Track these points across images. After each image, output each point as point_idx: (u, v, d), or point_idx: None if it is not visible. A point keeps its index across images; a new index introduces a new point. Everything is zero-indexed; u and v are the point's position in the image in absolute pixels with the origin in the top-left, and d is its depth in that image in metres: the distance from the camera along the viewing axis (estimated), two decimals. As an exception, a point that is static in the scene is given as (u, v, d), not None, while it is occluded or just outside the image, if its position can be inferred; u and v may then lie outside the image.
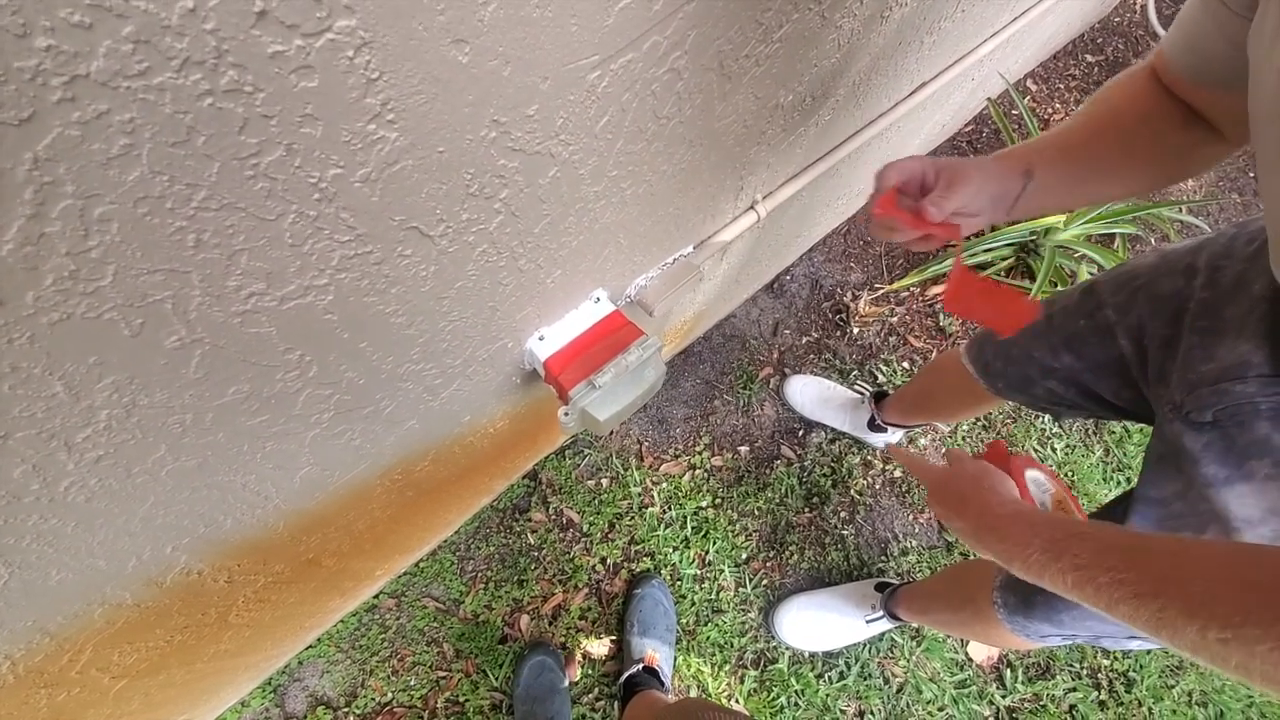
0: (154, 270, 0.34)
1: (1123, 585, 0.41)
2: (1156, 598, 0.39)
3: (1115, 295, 0.76)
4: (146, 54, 0.26)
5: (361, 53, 0.32)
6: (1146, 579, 0.40)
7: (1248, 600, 0.35)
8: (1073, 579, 0.44)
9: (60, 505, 0.43)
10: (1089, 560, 0.44)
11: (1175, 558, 0.40)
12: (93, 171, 0.28)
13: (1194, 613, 0.37)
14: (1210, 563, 0.39)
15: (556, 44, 0.41)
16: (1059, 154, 0.62)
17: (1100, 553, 0.43)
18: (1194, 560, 0.39)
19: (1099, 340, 0.77)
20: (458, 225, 0.48)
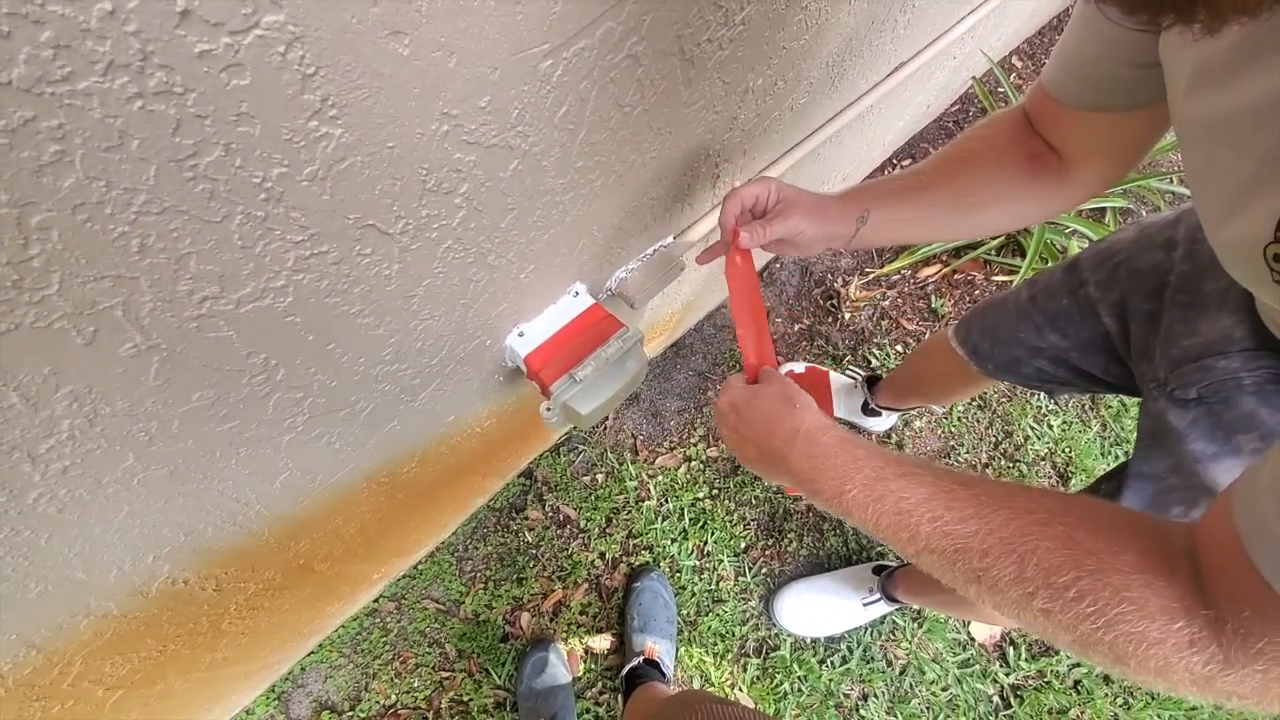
0: (100, 277, 0.34)
1: (946, 537, 0.39)
2: (984, 555, 0.37)
3: (1096, 272, 0.75)
4: (68, 59, 0.26)
5: (293, 48, 0.31)
6: (974, 532, 0.38)
7: (1079, 569, 0.34)
8: (888, 522, 0.42)
9: (30, 517, 0.43)
10: (914, 505, 0.41)
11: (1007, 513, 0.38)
12: (25, 179, 0.28)
13: (1023, 579, 0.36)
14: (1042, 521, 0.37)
15: (503, 33, 0.41)
16: (899, 196, 0.63)
17: (929, 499, 0.41)
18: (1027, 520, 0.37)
19: (1083, 318, 0.77)
20: (418, 222, 0.48)
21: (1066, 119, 0.56)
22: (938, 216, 0.63)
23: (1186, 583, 0.33)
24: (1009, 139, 0.60)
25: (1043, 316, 0.80)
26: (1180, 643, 0.32)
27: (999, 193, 0.61)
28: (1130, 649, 0.32)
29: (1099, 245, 0.77)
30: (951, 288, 1.57)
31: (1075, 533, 0.36)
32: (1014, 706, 1.23)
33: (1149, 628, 0.32)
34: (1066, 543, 0.35)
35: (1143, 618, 0.32)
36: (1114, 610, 0.33)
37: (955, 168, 0.62)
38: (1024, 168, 0.59)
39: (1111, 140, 0.56)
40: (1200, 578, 0.33)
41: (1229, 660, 0.31)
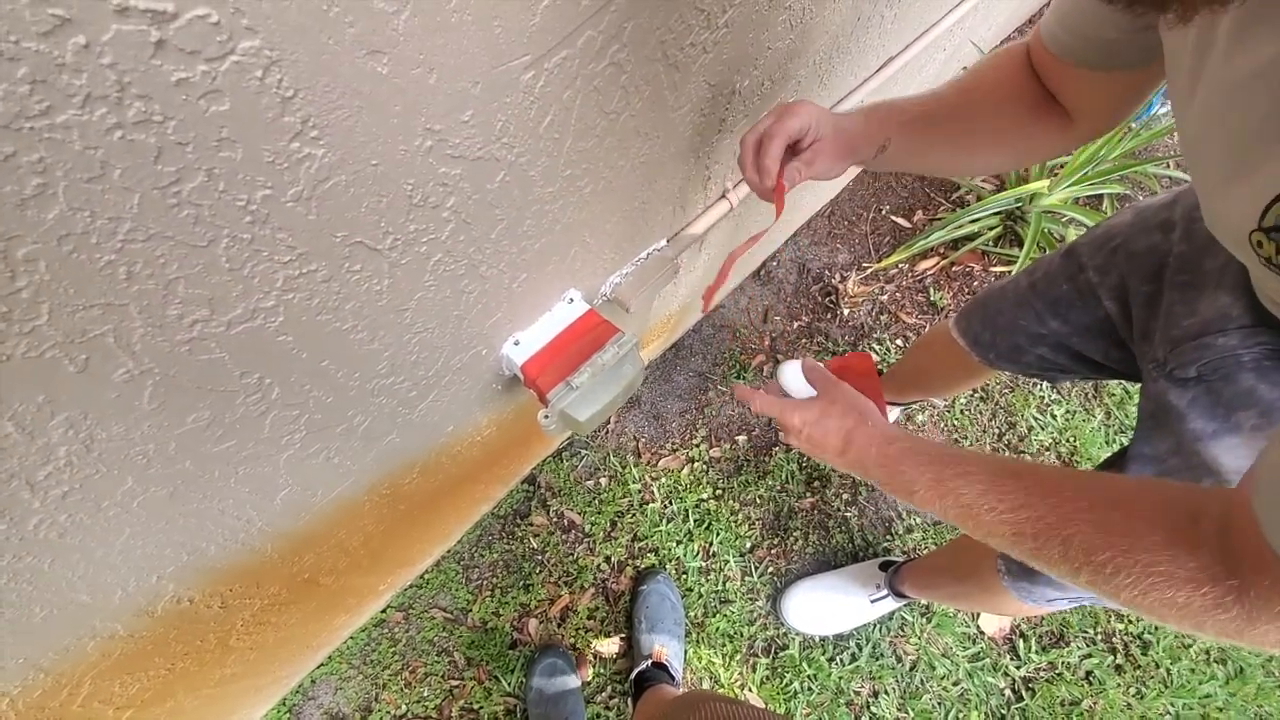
0: (90, 305, 0.34)
1: (1004, 524, 0.46)
2: (1035, 539, 0.44)
3: (1095, 257, 0.75)
4: (46, 93, 0.26)
5: (271, 72, 0.32)
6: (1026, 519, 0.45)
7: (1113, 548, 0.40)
8: (955, 514, 0.49)
9: (33, 543, 0.44)
10: (972, 499, 0.48)
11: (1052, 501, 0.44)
12: (9, 213, 0.29)
13: (1069, 557, 0.42)
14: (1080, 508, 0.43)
15: (482, 47, 0.41)
16: (917, 127, 0.64)
17: (984, 493, 0.47)
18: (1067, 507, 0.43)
19: (1083, 303, 0.77)
20: (406, 237, 0.48)
21: (1062, 71, 0.57)
22: (948, 151, 0.65)
23: (1211, 554, 0.37)
24: (1021, 80, 0.61)
25: (1043, 303, 0.80)
26: (1207, 604, 0.37)
27: (1006, 132, 0.63)
28: (1165, 611, 0.38)
29: (1096, 230, 0.77)
30: (950, 280, 1.56)
31: (1111, 516, 0.41)
32: (1026, 699, 1.22)
33: (1177, 594, 0.37)
34: (1103, 527, 0.41)
35: (1170, 586, 0.38)
36: (1146, 581, 0.38)
37: (971, 101, 0.63)
38: (1031, 111, 0.61)
39: (1106, 95, 0.57)
40: (1228, 550, 0.37)
41: (1252, 619, 0.36)
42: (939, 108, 0.64)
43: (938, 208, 1.63)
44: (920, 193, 1.66)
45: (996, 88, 0.62)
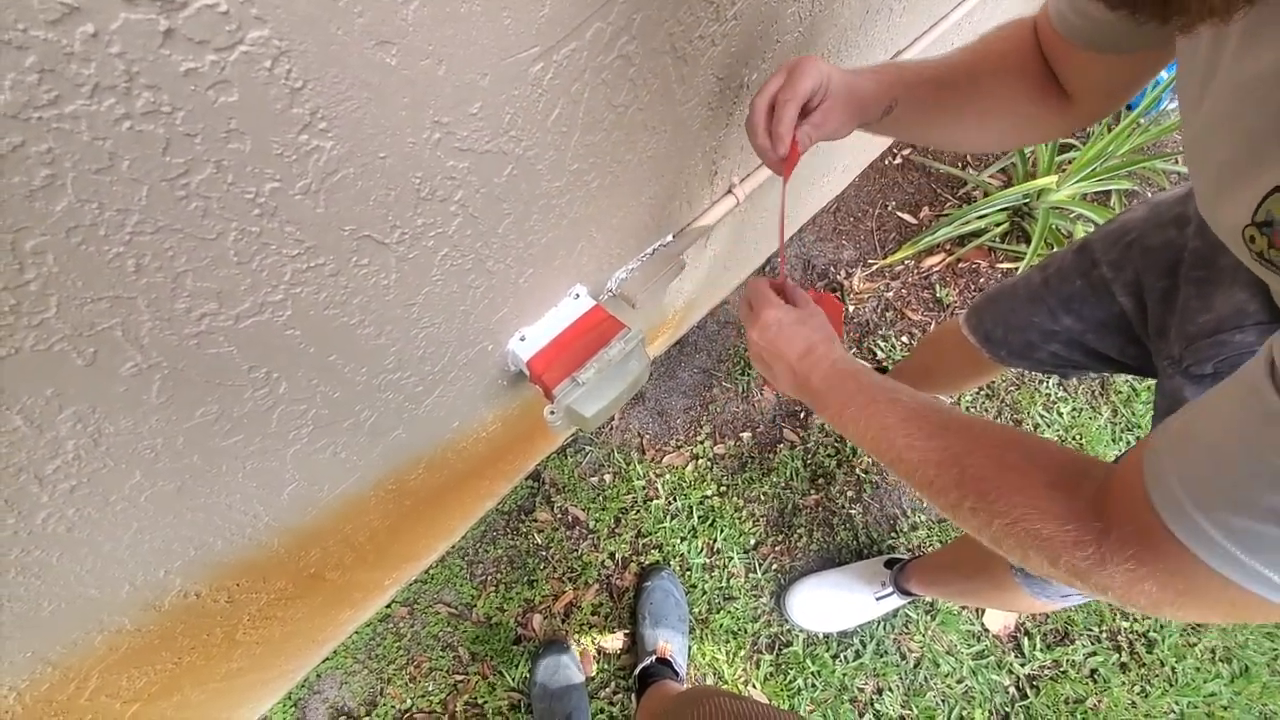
0: (98, 298, 0.34)
1: (914, 450, 0.49)
2: (938, 466, 0.47)
3: (1109, 252, 0.74)
4: (54, 83, 0.26)
5: (280, 62, 0.31)
6: (934, 447, 0.48)
7: (1003, 481, 0.44)
8: (873, 436, 0.52)
9: (41, 537, 0.44)
10: (893, 423, 0.51)
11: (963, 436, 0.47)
12: (17, 204, 0.28)
13: (961, 483, 0.45)
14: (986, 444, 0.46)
15: (491, 38, 0.40)
16: (924, 90, 0.63)
17: (905, 420, 0.50)
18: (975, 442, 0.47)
19: (1097, 299, 0.76)
20: (414, 231, 0.48)
21: (1067, 52, 0.56)
22: (949, 119, 0.65)
23: (1085, 503, 0.40)
24: (1028, 55, 0.60)
25: (1056, 299, 0.79)
26: (1067, 541, 0.40)
27: (1011, 106, 0.62)
28: (1029, 541, 0.41)
29: (1110, 225, 0.76)
30: (956, 276, 1.55)
31: (1008, 455, 0.45)
32: (1030, 697, 1.22)
33: (1043, 527, 0.41)
34: (999, 461, 0.44)
35: (1040, 519, 0.41)
36: (1019, 512, 0.42)
37: (977, 70, 0.62)
38: (1034, 88, 0.60)
39: (1109, 78, 0.56)
40: (1103, 501, 0.40)
41: (1103, 559, 0.38)
42: (945, 73, 0.63)
43: (944, 204, 1.62)
44: (927, 189, 1.65)
45: (1003, 59, 0.61)
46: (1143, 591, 0.37)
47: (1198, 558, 0.33)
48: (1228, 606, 0.35)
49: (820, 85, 0.59)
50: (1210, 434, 0.34)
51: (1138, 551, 0.37)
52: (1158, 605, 0.38)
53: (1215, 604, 0.36)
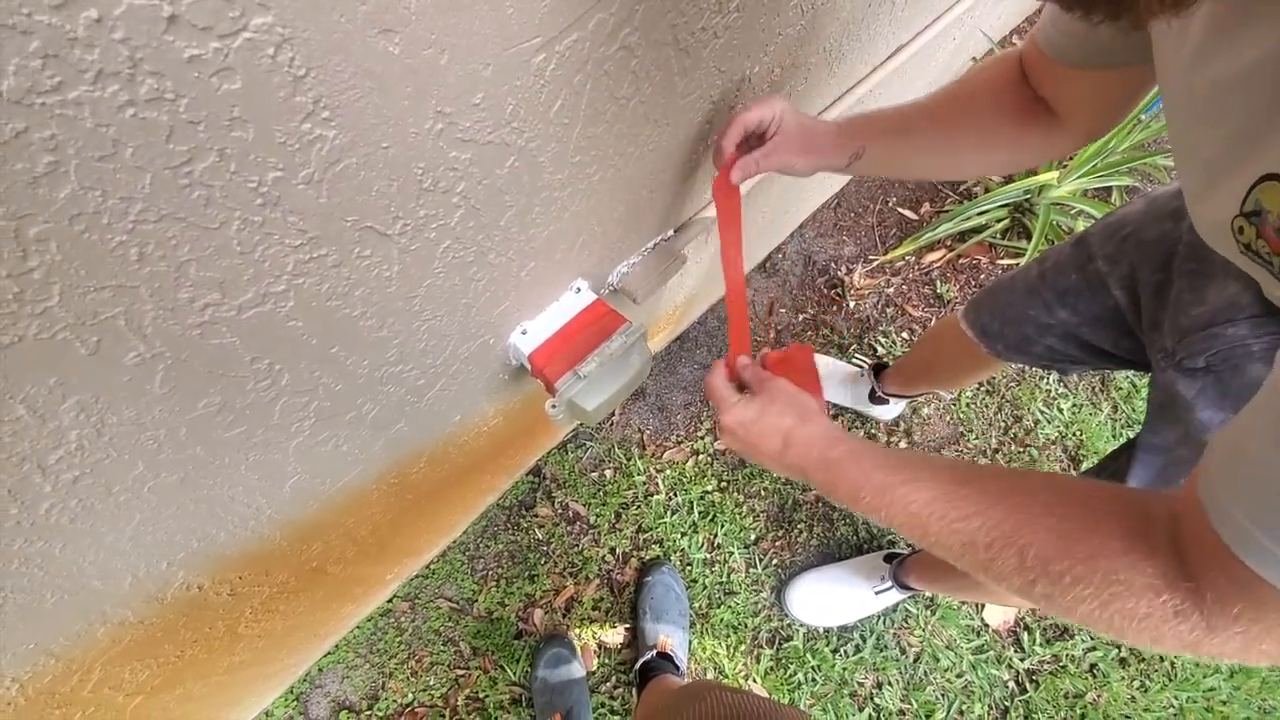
0: (101, 287, 0.34)
1: (954, 534, 0.42)
2: (988, 549, 0.41)
3: (1105, 246, 0.75)
4: (58, 68, 0.26)
5: (283, 50, 0.31)
6: (978, 528, 0.41)
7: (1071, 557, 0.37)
8: (902, 523, 0.45)
9: (44, 528, 0.44)
10: (920, 508, 0.44)
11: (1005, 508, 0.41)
12: (20, 191, 0.28)
13: (1024, 568, 0.39)
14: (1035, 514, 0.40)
15: (494, 28, 0.40)
16: (896, 135, 0.64)
17: (932, 501, 0.44)
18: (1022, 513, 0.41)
19: (1093, 293, 0.76)
20: (416, 222, 0.48)
21: (1056, 74, 0.57)
22: (931, 157, 0.66)
23: (1167, 559, 0.35)
24: (1006, 86, 0.61)
25: (1052, 293, 0.80)
26: (1166, 614, 0.34)
27: (992, 139, 0.63)
28: (1124, 624, 0.36)
29: (1108, 219, 0.76)
30: (957, 272, 1.55)
31: (1066, 523, 0.38)
32: (1030, 691, 1.22)
33: (1138, 605, 0.35)
34: (1060, 533, 0.38)
35: (1130, 595, 0.35)
36: (1106, 592, 0.36)
37: (953, 111, 0.64)
38: (1017, 116, 0.61)
39: (1100, 96, 0.57)
40: (1180, 550, 0.35)
41: (1211, 627, 0.33)
42: (921, 115, 0.64)
43: (945, 200, 1.62)
44: (927, 185, 1.65)
45: (984, 92, 0.62)
46: (1263, 653, 0.33)
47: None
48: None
49: (769, 118, 0.64)
50: (1260, 450, 0.31)
51: (1243, 608, 0.32)
52: (1223, 655, 0.34)
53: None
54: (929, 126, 0.64)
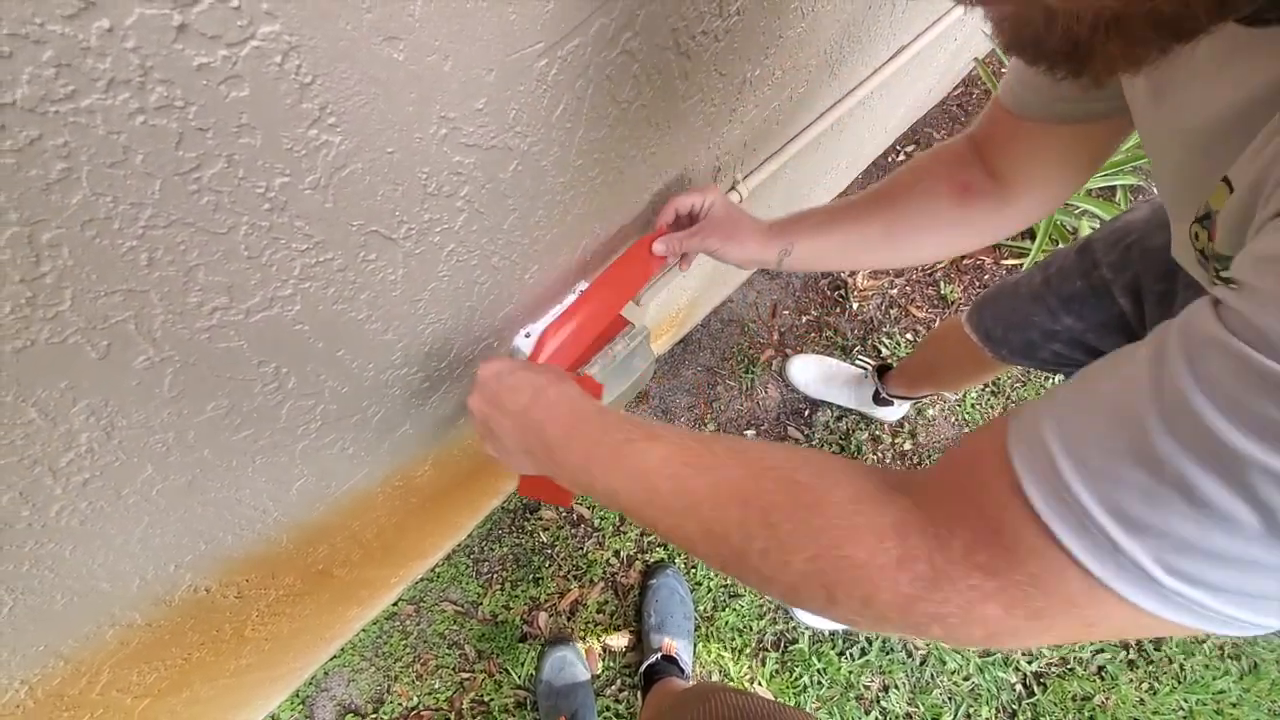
0: (111, 291, 0.34)
1: (683, 494, 0.38)
2: (714, 507, 0.37)
3: (1109, 253, 0.75)
4: (71, 77, 0.27)
5: (290, 58, 0.32)
6: (705, 484, 0.38)
7: (796, 502, 0.35)
8: (631, 486, 0.41)
9: (54, 530, 0.44)
10: (653, 464, 0.40)
11: (737, 462, 0.38)
12: (34, 197, 0.29)
13: (745, 523, 0.36)
14: (775, 465, 0.37)
15: (497, 34, 0.41)
16: (829, 229, 0.66)
17: (667, 457, 0.40)
18: (759, 466, 0.38)
19: (1098, 300, 0.76)
20: (420, 226, 0.48)
21: (1024, 134, 0.56)
22: (868, 248, 0.66)
23: (902, 508, 0.33)
24: (944, 170, 0.62)
25: (1057, 299, 0.80)
26: (887, 562, 0.31)
27: (930, 224, 0.63)
28: (838, 575, 0.32)
29: (1113, 225, 0.76)
30: (960, 273, 1.55)
31: (798, 474, 0.36)
32: (1037, 694, 1.21)
33: (856, 550, 0.32)
34: (788, 484, 0.36)
35: (850, 541, 0.32)
36: (825, 538, 0.33)
37: (888, 201, 0.64)
38: (956, 198, 0.61)
39: (1068, 154, 0.56)
40: (932, 500, 0.32)
41: (936, 580, 0.30)
42: (859, 207, 0.65)
43: (948, 201, 1.62)
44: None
45: (924, 178, 0.63)
46: (981, 618, 0.29)
47: (1075, 559, 0.26)
48: (1080, 623, 0.28)
49: (703, 205, 0.69)
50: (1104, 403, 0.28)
51: (990, 557, 0.29)
52: (994, 636, 0.30)
53: (1070, 620, 0.28)
54: (865, 216, 0.64)
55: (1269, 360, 0.22)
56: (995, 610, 0.29)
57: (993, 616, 0.29)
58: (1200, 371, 0.24)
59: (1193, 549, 0.24)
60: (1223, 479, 0.23)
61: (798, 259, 0.66)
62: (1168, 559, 0.25)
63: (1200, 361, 0.25)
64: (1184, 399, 0.24)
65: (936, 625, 0.30)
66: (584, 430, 0.45)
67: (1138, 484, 0.25)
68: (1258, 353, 0.23)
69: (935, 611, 0.30)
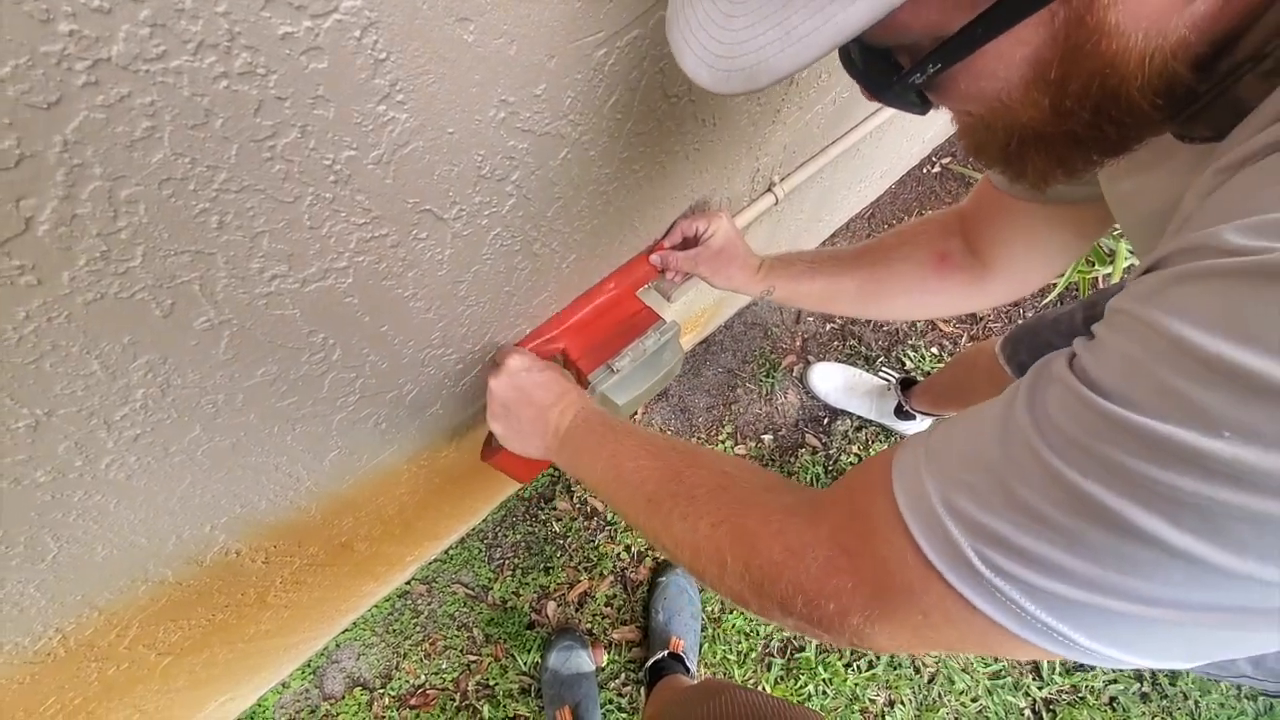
0: (181, 251, 0.35)
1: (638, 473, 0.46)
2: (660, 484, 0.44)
3: None
4: (163, 37, 0.28)
5: (369, 33, 0.32)
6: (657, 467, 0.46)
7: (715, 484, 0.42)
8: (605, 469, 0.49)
9: (102, 482, 0.45)
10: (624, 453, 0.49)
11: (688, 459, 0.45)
12: (118, 154, 0.30)
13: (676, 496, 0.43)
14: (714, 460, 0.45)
15: (562, 21, 0.41)
16: (810, 278, 0.70)
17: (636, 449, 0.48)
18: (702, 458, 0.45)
19: None
20: (471, 208, 0.49)
21: (1010, 211, 0.58)
22: (843, 301, 0.71)
23: (798, 499, 0.38)
24: (925, 239, 0.65)
25: None
26: (769, 531, 0.36)
27: (904, 287, 0.67)
28: (730, 541, 0.37)
29: None
30: (991, 290, 1.53)
31: (726, 467, 0.43)
32: None
33: (748, 519, 0.37)
34: (717, 473, 0.42)
35: (746, 514, 0.38)
36: (727, 510, 0.39)
37: (869, 260, 0.69)
38: (933, 267, 0.64)
39: (1053, 234, 0.57)
40: (825, 493, 0.37)
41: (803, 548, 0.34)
42: (842, 263, 0.70)
43: (982, 216, 1.60)
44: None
45: (901, 245, 0.67)
46: (836, 589, 0.32)
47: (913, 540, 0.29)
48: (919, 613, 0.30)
49: (707, 231, 0.73)
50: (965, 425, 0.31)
51: (849, 538, 0.32)
52: (845, 613, 0.32)
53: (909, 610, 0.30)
54: (847, 272, 0.69)
55: (1099, 401, 0.24)
56: (846, 581, 0.32)
57: (843, 587, 0.32)
58: (1037, 410, 0.27)
59: (1007, 546, 0.26)
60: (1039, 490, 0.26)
61: (779, 298, 0.73)
62: (986, 552, 0.27)
63: (1040, 402, 0.27)
64: (1022, 433, 0.27)
65: (801, 597, 0.34)
66: (590, 428, 0.54)
67: (968, 485, 0.28)
68: (1093, 394, 0.25)
69: (799, 578, 0.34)
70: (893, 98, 0.35)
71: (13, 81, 0.25)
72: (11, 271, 0.31)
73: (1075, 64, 0.28)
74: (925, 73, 0.31)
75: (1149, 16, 0.26)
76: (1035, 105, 0.30)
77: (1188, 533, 0.22)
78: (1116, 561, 0.24)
